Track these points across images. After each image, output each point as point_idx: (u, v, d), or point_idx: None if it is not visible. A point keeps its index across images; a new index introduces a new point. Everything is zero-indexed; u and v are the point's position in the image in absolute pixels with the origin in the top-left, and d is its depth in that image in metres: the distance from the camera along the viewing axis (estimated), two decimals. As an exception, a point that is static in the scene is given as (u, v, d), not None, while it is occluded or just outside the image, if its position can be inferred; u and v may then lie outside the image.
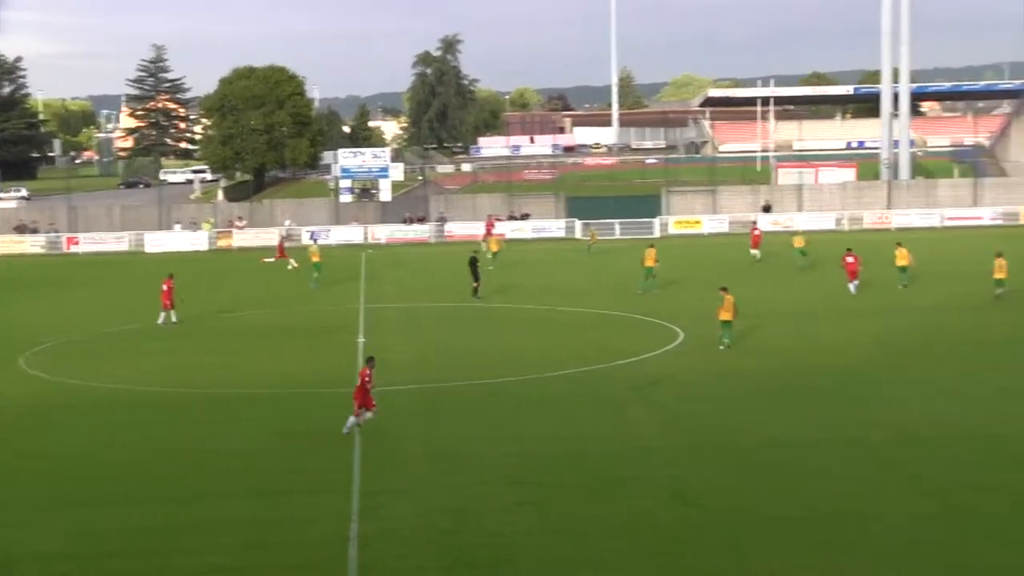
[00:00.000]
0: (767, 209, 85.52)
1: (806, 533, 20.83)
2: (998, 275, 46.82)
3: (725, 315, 37.61)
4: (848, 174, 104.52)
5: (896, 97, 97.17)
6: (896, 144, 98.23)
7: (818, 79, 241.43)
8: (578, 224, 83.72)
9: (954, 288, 51.17)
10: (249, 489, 23.98)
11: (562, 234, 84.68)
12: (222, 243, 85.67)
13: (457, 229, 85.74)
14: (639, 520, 21.54)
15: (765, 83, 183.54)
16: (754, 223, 75.56)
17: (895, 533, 20.64)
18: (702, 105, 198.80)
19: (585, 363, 36.49)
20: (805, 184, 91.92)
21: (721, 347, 37.68)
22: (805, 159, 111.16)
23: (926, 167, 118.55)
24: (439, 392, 32.93)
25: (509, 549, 20.35)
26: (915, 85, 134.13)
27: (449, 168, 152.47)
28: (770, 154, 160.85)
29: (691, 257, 66.49)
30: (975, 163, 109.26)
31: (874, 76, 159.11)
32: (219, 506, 23.10)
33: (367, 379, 27.76)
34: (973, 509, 21.87)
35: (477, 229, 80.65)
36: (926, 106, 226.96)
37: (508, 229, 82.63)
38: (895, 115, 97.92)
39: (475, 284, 51.96)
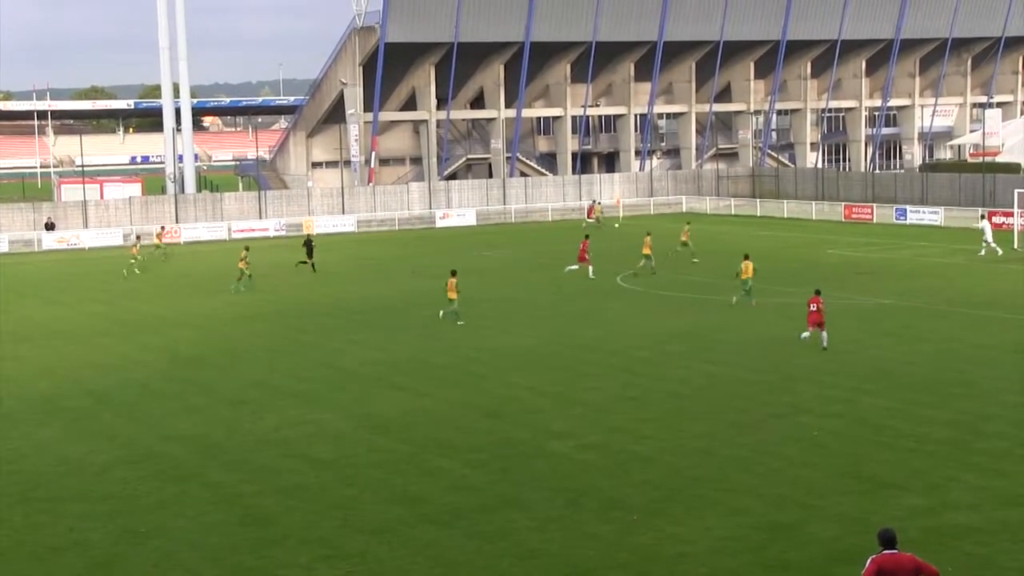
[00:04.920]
0: (50, 227, 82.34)
1: (99, 557, 20.15)
2: (645, 251, 52.85)
3: (745, 275, 42.86)
4: (134, 189, 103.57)
5: (178, 112, 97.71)
6: (181, 158, 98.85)
7: (97, 93, 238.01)
8: None
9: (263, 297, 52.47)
10: None
11: None
12: None
13: None
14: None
15: (40, 96, 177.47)
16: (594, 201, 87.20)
17: (194, 547, 20.40)
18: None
19: None
20: (91, 200, 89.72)
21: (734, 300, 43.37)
22: (89, 174, 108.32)
23: (212, 181, 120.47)
24: None
25: None
26: (196, 100, 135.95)
27: None
28: (51, 170, 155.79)
29: None
30: (258, 176, 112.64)
31: (155, 91, 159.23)
32: None
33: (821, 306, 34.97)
34: (275, 516, 22.07)
35: None
36: (208, 120, 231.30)
37: None
38: (178, 130, 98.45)
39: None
